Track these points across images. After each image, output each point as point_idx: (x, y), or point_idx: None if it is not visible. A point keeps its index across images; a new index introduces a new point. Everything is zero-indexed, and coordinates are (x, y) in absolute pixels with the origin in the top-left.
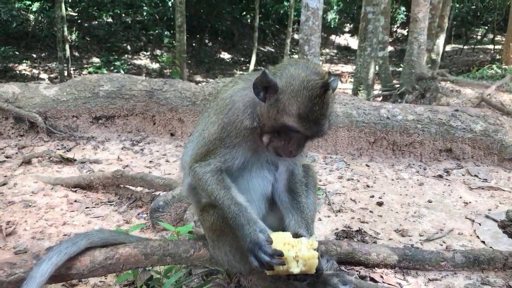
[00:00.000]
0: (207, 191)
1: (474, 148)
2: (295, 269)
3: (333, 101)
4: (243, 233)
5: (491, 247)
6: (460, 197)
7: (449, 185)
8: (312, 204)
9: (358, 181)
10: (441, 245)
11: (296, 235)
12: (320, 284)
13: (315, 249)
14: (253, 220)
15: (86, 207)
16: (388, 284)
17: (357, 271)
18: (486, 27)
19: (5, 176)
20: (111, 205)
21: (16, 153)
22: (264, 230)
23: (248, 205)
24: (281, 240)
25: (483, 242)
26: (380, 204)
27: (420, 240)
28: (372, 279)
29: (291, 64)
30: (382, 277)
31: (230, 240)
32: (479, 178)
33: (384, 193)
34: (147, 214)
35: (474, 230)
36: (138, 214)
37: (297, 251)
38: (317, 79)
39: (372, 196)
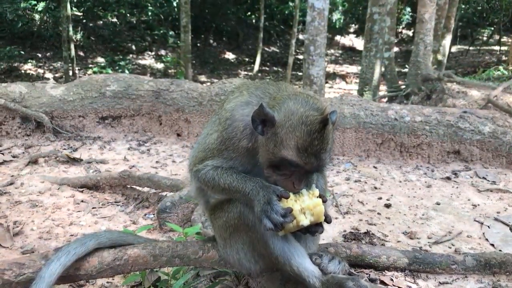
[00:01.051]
0: (217, 183)
1: (482, 150)
2: (304, 221)
3: (333, 135)
4: (258, 198)
5: (500, 250)
6: (469, 200)
7: (457, 187)
8: (321, 189)
9: (366, 183)
10: (450, 247)
11: None
12: (335, 286)
13: (317, 197)
14: (267, 185)
15: (93, 208)
16: (399, 287)
17: (366, 274)
18: (492, 28)
19: (12, 176)
20: (117, 205)
21: (23, 152)
22: (278, 189)
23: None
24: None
25: (492, 245)
26: (388, 206)
27: (428, 242)
28: (382, 282)
29: (291, 98)
30: (392, 280)
31: (244, 236)
32: (488, 180)
33: (391, 195)
34: (154, 214)
35: (483, 233)
36: (145, 215)
37: (301, 202)
38: (316, 114)
39: (380, 198)
